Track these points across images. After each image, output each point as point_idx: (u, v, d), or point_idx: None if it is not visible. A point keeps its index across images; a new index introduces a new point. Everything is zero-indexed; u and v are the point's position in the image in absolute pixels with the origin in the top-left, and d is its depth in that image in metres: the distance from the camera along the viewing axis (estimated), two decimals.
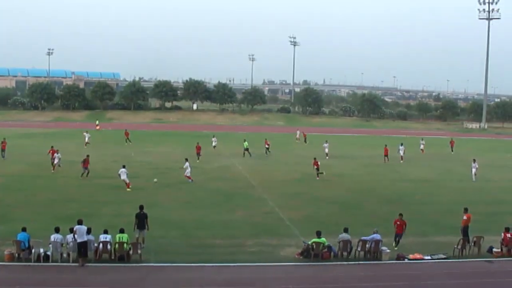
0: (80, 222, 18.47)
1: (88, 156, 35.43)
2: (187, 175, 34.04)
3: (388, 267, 19.08)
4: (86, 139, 53.13)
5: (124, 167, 31.60)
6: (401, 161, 46.76)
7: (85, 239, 18.09)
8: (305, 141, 63.28)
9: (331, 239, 20.04)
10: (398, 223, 20.95)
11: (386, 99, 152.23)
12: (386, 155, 46.44)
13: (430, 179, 39.17)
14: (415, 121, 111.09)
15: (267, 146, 49.74)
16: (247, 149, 47.84)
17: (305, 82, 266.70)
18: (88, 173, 34.02)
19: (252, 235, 22.13)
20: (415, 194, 33.00)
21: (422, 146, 55.78)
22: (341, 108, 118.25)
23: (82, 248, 17.91)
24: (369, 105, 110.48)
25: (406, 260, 19.55)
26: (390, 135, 78.19)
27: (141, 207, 20.41)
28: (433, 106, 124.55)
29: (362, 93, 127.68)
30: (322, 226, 21.72)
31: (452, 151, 56.37)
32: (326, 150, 48.57)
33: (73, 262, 18.14)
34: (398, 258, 19.64)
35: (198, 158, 43.71)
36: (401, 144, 48.37)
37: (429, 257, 19.83)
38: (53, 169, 36.29)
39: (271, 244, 20.97)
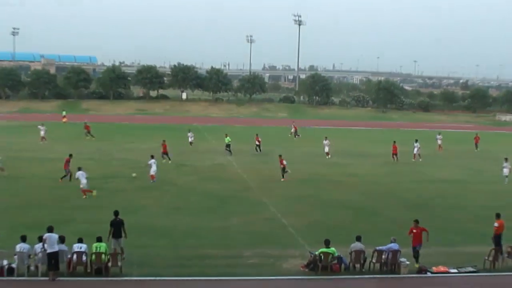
0: (50, 230, 18.42)
1: (70, 156, 34.98)
2: (152, 173, 34.16)
3: (407, 281, 19.08)
4: (42, 133, 52.74)
5: (80, 169, 30.49)
6: (414, 160, 46.58)
7: (57, 249, 18.04)
8: (295, 135, 62.87)
9: (342, 249, 20.02)
10: (414, 231, 20.17)
11: (406, 87, 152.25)
12: (395, 154, 46.02)
13: (457, 180, 39.22)
14: (439, 112, 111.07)
15: (257, 143, 49.12)
16: (228, 146, 47.42)
17: (311, 67, 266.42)
18: (70, 175, 33.33)
19: (251, 245, 22.14)
20: (440, 197, 33.00)
21: (439, 142, 55.46)
22: (354, 98, 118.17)
23: (52, 259, 17.86)
24: (385, 94, 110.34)
25: (428, 274, 19.54)
26: (410, 129, 78.14)
27: (116, 213, 20.39)
28: (460, 95, 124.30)
29: (377, 80, 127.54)
30: (331, 234, 21.71)
31: (476, 148, 56.19)
32: (326, 149, 47.72)
33: (42, 276, 18.10)
34: (420, 271, 19.63)
35: (164, 158, 41.92)
36: (416, 141, 48.21)
37: (455, 270, 19.83)
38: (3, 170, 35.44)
39: (272, 255, 20.99)
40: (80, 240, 18.98)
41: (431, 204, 30.86)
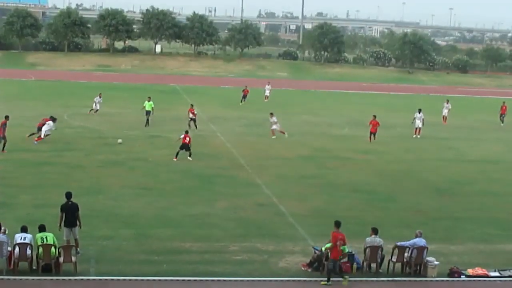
0: None
1: (6, 117, 34.60)
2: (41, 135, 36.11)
3: (435, 286, 19.18)
4: None
5: None
6: (415, 136, 46.08)
7: None
8: (242, 99, 61.18)
9: (354, 244, 20.08)
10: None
11: (438, 42, 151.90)
12: (373, 132, 44.36)
13: (501, 159, 39.32)
14: (480, 74, 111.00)
15: (192, 116, 45.32)
16: (148, 113, 45.05)
17: (320, 15, 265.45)
18: (5, 144, 33.59)
19: (239, 237, 22.18)
20: (474, 180, 33.18)
21: (445, 112, 54.44)
22: (372, 54, 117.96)
23: None
24: (412, 50, 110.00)
25: (463, 277, 19.59)
26: (442, 94, 78.09)
27: (69, 195, 20.23)
28: (508, 52, 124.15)
29: (402, 33, 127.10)
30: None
31: (501, 120, 55.12)
32: (274, 126, 42.58)
33: None
34: (452, 274, 19.68)
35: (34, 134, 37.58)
36: (419, 111, 47.60)
37: (496, 274, 19.89)
38: None
39: (266, 250, 21.03)
40: (23, 229, 18.85)
41: (462, 189, 31.02)
